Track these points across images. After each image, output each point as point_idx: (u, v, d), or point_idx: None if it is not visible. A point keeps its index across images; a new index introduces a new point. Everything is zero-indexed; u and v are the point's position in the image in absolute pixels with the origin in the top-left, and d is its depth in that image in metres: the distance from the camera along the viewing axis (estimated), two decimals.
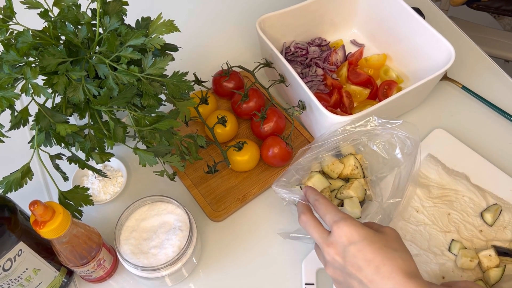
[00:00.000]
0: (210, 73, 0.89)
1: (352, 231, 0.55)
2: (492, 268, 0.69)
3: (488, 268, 0.69)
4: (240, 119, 0.86)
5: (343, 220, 0.56)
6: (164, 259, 0.63)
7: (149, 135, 0.64)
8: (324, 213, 0.59)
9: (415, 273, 0.52)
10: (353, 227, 0.55)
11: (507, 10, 1.38)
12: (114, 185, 0.79)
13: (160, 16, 0.65)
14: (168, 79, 0.65)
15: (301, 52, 0.93)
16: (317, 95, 0.81)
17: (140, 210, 0.67)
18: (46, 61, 0.59)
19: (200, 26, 1.03)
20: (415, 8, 0.91)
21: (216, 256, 0.74)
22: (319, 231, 0.58)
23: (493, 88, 0.92)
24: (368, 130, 0.73)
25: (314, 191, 0.63)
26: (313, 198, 0.62)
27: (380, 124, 0.73)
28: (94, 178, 0.79)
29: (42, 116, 0.61)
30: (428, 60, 0.85)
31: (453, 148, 0.83)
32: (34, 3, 0.65)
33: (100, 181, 0.78)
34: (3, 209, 0.59)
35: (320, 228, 0.59)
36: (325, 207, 0.59)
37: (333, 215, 0.57)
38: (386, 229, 0.57)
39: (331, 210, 0.58)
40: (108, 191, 0.78)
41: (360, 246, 0.54)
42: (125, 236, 0.65)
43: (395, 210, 0.70)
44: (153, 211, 0.67)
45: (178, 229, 0.65)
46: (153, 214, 0.67)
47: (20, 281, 0.62)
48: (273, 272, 0.73)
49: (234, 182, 0.80)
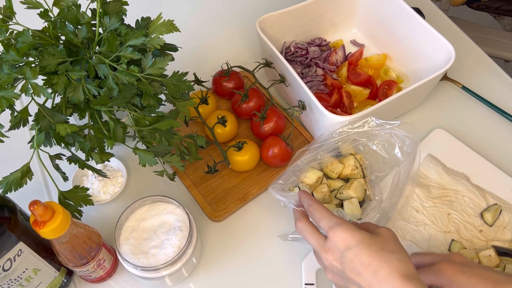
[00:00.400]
0: (210, 73, 0.89)
1: (347, 236, 0.54)
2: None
3: None
4: (240, 119, 0.86)
5: (338, 225, 0.56)
6: (164, 259, 0.63)
7: (149, 135, 0.64)
8: (318, 218, 0.59)
9: (412, 274, 0.52)
10: (348, 232, 0.55)
11: (507, 10, 1.38)
12: (114, 185, 0.79)
13: (160, 16, 0.65)
14: (168, 79, 0.65)
15: (301, 52, 0.93)
16: (317, 95, 0.81)
17: (140, 210, 0.67)
18: (46, 61, 0.59)
19: (200, 26, 1.03)
20: (415, 8, 0.91)
21: (216, 256, 0.74)
22: (316, 237, 0.58)
23: (493, 88, 0.92)
24: (366, 131, 0.73)
25: (308, 196, 0.63)
26: (306, 204, 0.62)
27: (378, 124, 0.73)
28: (94, 178, 0.79)
29: (42, 116, 0.61)
30: (428, 60, 0.85)
31: (453, 148, 0.83)
32: (34, 3, 0.65)
33: (100, 181, 0.78)
34: (3, 209, 0.59)
35: (316, 234, 0.59)
36: (319, 213, 0.59)
37: (328, 221, 0.57)
38: (382, 230, 0.57)
39: (325, 216, 0.58)
40: (108, 191, 0.78)
41: (357, 251, 0.54)
42: (125, 236, 0.65)
43: (393, 210, 0.70)
44: (153, 211, 0.67)
45: (178, 229, 0.65)
46: (153, 214, 0.67)
47: (20, 281, 0.62)
48: (273, 272, 0.73)
49: (234, 182, 0.80)
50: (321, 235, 0.58)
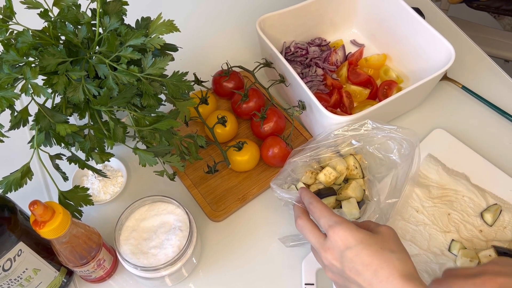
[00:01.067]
0: (210, 73, 0.89)
1: (347, 236, 0.54)
2: None
3: None
4: (240, 119, 0.86)
5: (338, 224, 0.55)
6: (164, 259, 0.63)
7: (149, 135, 0.64)
8: (318, 216, 0.58)
9: (412, 274, 0.52)
10: (348, 231, 0.54)
11: (507, 10, 1.38)
12: (114, 185, 0.79)
13: (160, 16, 0.65)
14: (168, 79, 0.65)
15: (301, 52, 0.93)
16: (317, 95, 0.81)
17: (140, 210, 0.67)
18: (46, 61, 0.59)
19: (200, 26, 1.03)
20: (415, 8, 0.91)
21: (216, 256, 0.74)
22: (316, 235, 0.58)
23: (493, 88, 0.92)
24: (363, 133, 0.73)
25: (309, 193, 0.62)
26: (307, 201, 0.61)
27: (375, 128, 0.72)
28: (94, 178, 0.79)
29: (42, 116, 0.61)
30: (428, 60, 0.85)
31: (453, 148, 0.83)
32: (34, 3, 0.65)
33: (100, 181, 0.78)
34: (3, 209, 0.59)
35: (316, 232, 0.58)
36: (320, 211, 0.58)
37: (328, 219, 0.57)
38: (383, 229, 0.57)
39: (325, 214, 0.57)
40: (108, 191, 0.78)
41: (357, 250, 0.53)
42: (125, 236, 0.65)
43: (392, 210, 0.70)
44: (153, 211, 0.67)
45: (178, 229, 0.65)
46: (153, 214, 0.67)
47: (20, 281, 0.62)
48: (272, 272, 0.73)
49: (234, 182, 0.80)
50: (321, 234, 0.58)
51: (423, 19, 0.84)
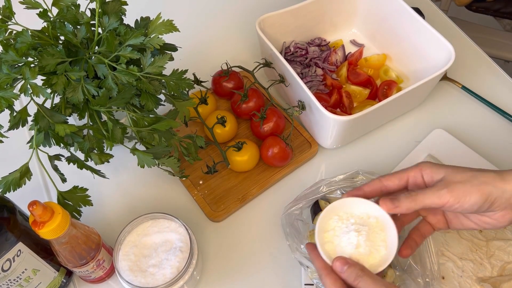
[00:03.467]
0: (209, 73, 0.89)
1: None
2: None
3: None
4: (239, 119, 0.86)
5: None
6: (162, 280, 0.61)
7: (148, 135, 0.64)
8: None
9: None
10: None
11: (506, 12, 1.38)
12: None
13: (160, 16, 0.65)
14: (168, 77, 0.65)
15: (300, 52, 0.93)
16: (317, 95, 0.81)
17: (142, 226, 0.65)
18: (45, 61, 0.59)
19: (199, 26, 1.03)
20: (415, 8, 0.91)
21: (216, 256, 0.74)
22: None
23: (493, 88, 0.92)
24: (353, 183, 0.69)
25: (358, 266, 0.52)
26: (353, 277, 0.52)
27: (366, 178, 0.70)
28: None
29: (41, 116, 0.61)
30: (428, 60, 0.85)
31: (453, 148, 0.83)
32: (33, 3, 0.64)
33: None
34: (2, 210, 0.59)
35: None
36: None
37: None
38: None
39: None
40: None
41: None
42: (125, 251, 0.63)
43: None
44: (156, 227, 0.65)
45: (179, 249, 0.63)
46: (155, 231, 0.65)
47: (19, 281, 0.62)
48: (272, 272, 0.73)
49: (233, 182, 0.80)
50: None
51: (423, 19, 0.84)
